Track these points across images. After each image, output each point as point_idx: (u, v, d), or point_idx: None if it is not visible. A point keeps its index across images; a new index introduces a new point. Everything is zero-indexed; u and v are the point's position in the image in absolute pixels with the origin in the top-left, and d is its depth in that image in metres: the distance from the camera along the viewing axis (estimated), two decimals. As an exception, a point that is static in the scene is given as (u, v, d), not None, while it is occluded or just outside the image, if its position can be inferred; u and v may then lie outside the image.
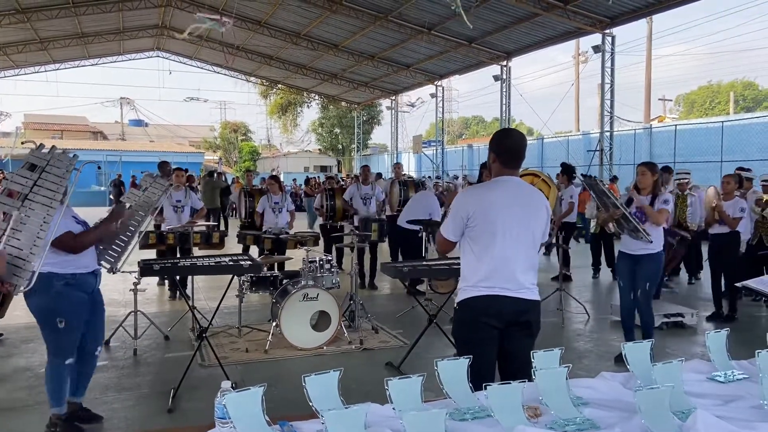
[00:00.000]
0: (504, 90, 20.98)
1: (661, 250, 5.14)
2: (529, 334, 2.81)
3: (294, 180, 30.37)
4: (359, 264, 7.31)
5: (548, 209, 2.91)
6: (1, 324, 5.75)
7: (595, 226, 9.75)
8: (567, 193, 8.96)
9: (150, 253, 7.53)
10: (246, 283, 6.07)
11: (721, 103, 43.91)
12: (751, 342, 2.43)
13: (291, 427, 1.75)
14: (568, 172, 9.07)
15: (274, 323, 5.65)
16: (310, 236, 7.72)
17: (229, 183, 20.06)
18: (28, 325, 6.03)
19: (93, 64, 27.33)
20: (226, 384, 1.75)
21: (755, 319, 7.14)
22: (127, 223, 3.99)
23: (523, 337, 2.78)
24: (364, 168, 9.46)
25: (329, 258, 6.37)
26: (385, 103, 31.93)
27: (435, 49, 20.29)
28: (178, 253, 7.44)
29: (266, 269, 6.65)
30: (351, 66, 24.34)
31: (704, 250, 7.94)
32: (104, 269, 3.90)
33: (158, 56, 28.29)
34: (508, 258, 2.73)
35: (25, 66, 25.54)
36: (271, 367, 5.13)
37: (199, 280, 7.93)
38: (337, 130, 43.20)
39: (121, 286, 8.00)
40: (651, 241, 4.96)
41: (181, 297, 7.31)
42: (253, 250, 8.52)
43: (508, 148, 2.83)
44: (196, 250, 6.98)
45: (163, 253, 7.52)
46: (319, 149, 46.24)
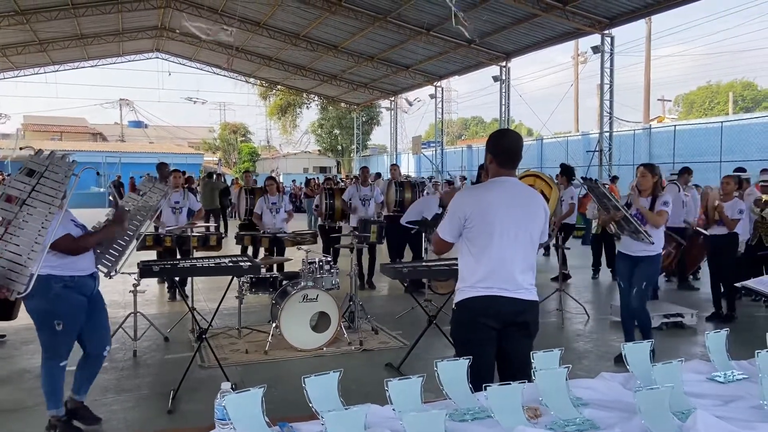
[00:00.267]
0: (503, 91, 20.99)
1: (660, 252, 5.14)
2: (527, 334, 2.81)
3: (294, 181, 30.38)
4: (358, 265, 7.32)
5: (546, 210, 2.90)
6: (2, 326, 5.76)
7: (596, 227, 9.75)
8: (567, 194, 8.96)
9: (148, 254, 7.54)
10: (246, 285, 6.07)
11: (720, 103, 43.93)
12: (751, 342, 2.43)
13: (291, 428, 1.75)
14: (568, 173, 9.06)
15: (273, 324, 5.65)
16: (307, 235, 7.75)
17: (229, 184, 20.07)
18: (29, 327, 5.99)
19: (92, 66, 27.36)
20: (226, 385, 1.75)
21: (755, 319, 7.15)
22: (126, 227, 3.99)
23: (521, 338, 2.78)
24: (363, 169, 9.48)
25: (329, 259, 6.37)
26: (384, 104, 31.93)
27: (434, 50, 20.31)
28: (177, 254, 7.44)
29: (265, 270, 6.66)
30: (350, 67, 24.35)
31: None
32: (101, 273, 3.90)
33: (157, 57, 28.34)
34: (505, 258, 2.73)
35: (25, 67, 25.55)
36: (270, 369, 5.13)
37: (198, 282, 7.93)
38: (337, 131, 43.22)
39: (120, 288, 7.99)
40: (652, 243, 4.96)
41: (181, 298, 7.31)
42: (251, 250, 8.55)
43: (504, 149, 2.84)
44: (195, 253, 6.97)
45: (161, 255, 7.52)
46: (319, 150, 46.24)
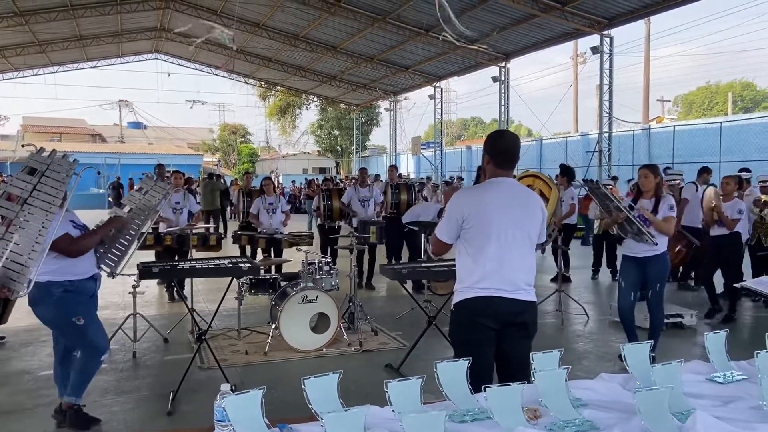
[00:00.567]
0: (502, 91, 20.98)
1: (666, 250, 5.12)
2: (525, 335, 2.81)
3: (293, 182, 30.37)
4: (358, 266, 7.33)
5: (543, 210, 2.90)
6: (1, 327, 5.75)
7: (598, 227, 9.75)
8: (567, 195, 8.96)
9: (147, 254, 7.54)
10: (245, 286, 6.07)
11: (720, 103, 43.94)
12: (751, 343, 2.44)
13: (290, 429, 1.74)
14: (567, 174, 9.07)
15: (273, 325, 5.65)
16: (304, 236, 7.77)
17: (228, 185, 20.09)
18: (28, 329, 6.04)
19: (91, 67, 27.32)
20: (226, 387, 1.75)
21: (755, 320, 7.14)
22: (128, 227, 4.00)
23: (519, 339, 2.79)
24: (362, 171, 9.54)
25: (328, 260, 6.38)
26: (383, 104, 31.94)
27: (433, 51, 20.30)
28: (176, 255, 7.45)
29: (263, 271, 6.66)
30: (350, 68, 24.35)
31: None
32: (104, 273, 3.91)
33: (157, 58, 28.31)
34: (503, 259, 2.73)
35: (24, 69, 25.51)
36: (270, 370, 5.13)
37: (198, 283, 7.93)
38: (336, 132, 43.20)
39: (120, 289, 7.99)
40: (656, 243, 4.94)
41: (179, 298, 7.31)
42: (249, 250, 8.55)
43: (502, 150, 2.84)
44: (194, 253, 6.99)
45: (160, 255, 7.52)
46: (318, 151, 46.23)
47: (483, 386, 1.85)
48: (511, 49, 19.18)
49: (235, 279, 5.47)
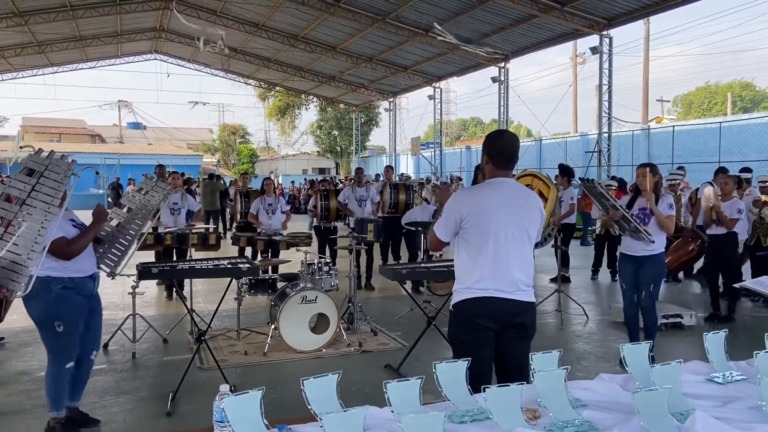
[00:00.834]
0: (502, 92, 20.99)
1: (663, 251, 5.13)
2: (524, 335, 2.81)
3: (293, 182, 30.37)
4: (357, 266, 7.32)
5: (542, 210, 2.90)
6: (1, 328, 5.75)
7: (600, 227, 9.74)
8: (566, 195, 8.97)
9: (146, 254, 7.54)
10: (244, 286, 6.06)
11: (719, 103, 43.96)
12: (750, 343, 2.44)
13: (290, 430, 1.74)
14: (567, 174, 9.08)
15: (272, 326, 5.65)
16: (302, 237, 7.77)
17: (228, 185, 20.08)
18: (26, 329, 6.03)
19: (91, 67, 27.34)
20: (225, 387, 1.75)
21: (754, 320, 7.14)
22: (128, 227, 3.99)
23: (518, 339, 2.78)
24: (358, 170, 9.59)
25: (328, 261, 6.38)
26: (383, 105, 31.94)
27: (433, 51, 20.31)
28: (175, 254, 7.45)
29: (262, 272, 6.65)
30: (349, 68, 24.35)
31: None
32: (104, 273, 3.90)
33: (156, 59, 28.31)
34: (502, 260, 2.73)
35: (23, 69, 25.51)
36: (269, 370, 5.13)
37: (197, 283, 7.93)
38: (336, 132, 43.20)
39: (119, 289, 7.99)
40: (653, 242, 4.95)
41: (178, 298, 7.31)
42: (248, 251, 8.53)
43: (501, 150, 2.83)
44: (193, 252, 6.99)
45: (159, 255, 7.52)
46: (318, 151, 46.23)
47: (482, 387, 1.85)
48: (511, 49, 19.19)
49: (234, 279, 5.47)
